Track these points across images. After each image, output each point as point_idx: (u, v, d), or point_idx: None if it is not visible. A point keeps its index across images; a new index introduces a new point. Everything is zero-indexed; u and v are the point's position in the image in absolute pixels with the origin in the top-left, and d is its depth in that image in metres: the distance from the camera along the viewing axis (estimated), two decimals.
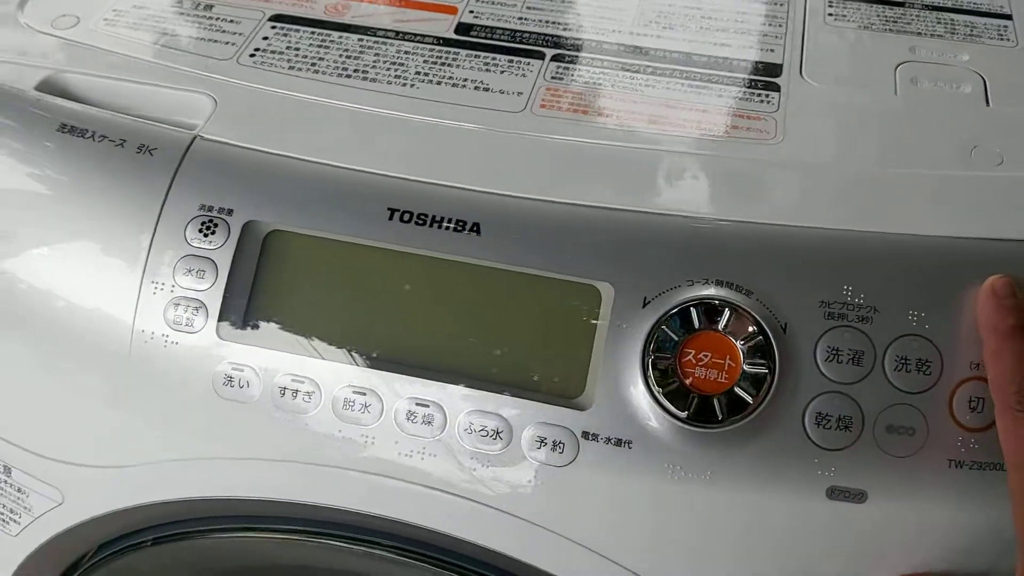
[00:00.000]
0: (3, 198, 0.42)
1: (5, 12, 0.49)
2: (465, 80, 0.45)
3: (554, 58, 0.47)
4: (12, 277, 0.42)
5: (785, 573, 0.38)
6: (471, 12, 0.49)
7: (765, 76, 0.45)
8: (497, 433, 0.38)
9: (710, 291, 0.37)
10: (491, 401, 0.38)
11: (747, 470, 0.37)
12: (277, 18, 0.49)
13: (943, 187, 0.40)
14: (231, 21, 0.48)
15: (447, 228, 0.39)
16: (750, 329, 0.36)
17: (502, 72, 0.46)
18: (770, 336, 0.36)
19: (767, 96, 0.44)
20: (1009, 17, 0.49)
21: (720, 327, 0.37)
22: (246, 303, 0.39)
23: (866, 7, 0.49)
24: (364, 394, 0.38)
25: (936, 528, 0.37)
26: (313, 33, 0.48)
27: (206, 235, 0.40)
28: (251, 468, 0.39)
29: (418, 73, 0.46)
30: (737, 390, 0.36)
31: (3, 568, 0.47)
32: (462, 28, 0.48)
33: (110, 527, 0.43)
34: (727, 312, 0.36)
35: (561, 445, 0.37)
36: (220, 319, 0.39)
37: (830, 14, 0.49)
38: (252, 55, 0.46)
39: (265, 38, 0.47)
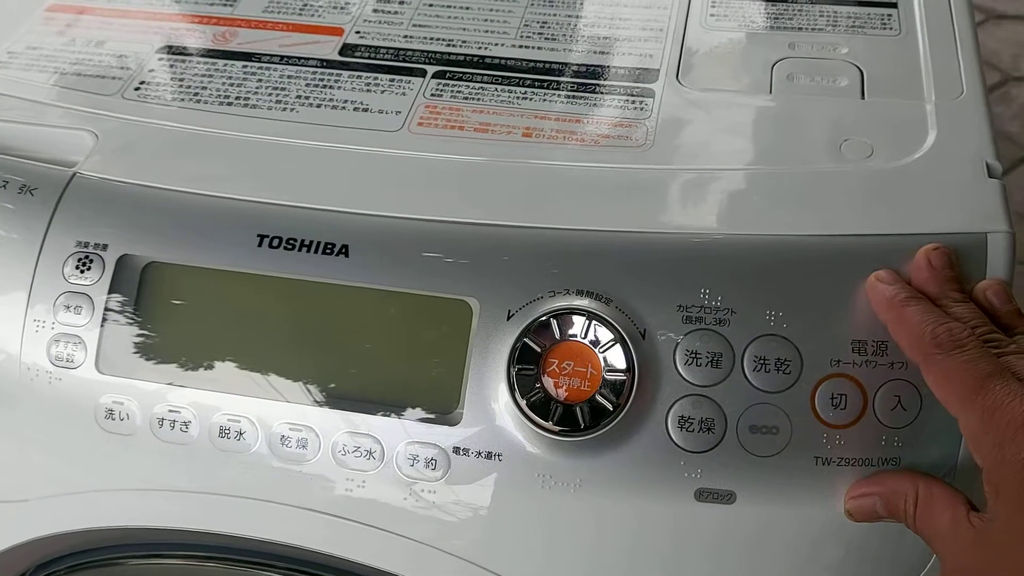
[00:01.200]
0: None
1: None
2: (345, 102, 0.46)
3: (435, 75, 0.47)
4: None
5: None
6: (356, 32, 0.50)
7: (640, 83, 0.46)
8: (370, 453, 0.38)
9: (572, 301, 0.37)
10: (364, 422, 0.38)
11: (615, 477, 0.37)
12: (165, 49, 0.50)
13: (808, 184, 0.40)
14: (120, 56, 0.49)
15: (316, 251, 0.39)
16: (609, 336, 0.37)
17: (382, 92, 0.46)
18: (628, 342, 0.37)
19: (641, 103, 0.44)
20: (894, 5, 0.49)
21: (580, 336, 0.37)
22: (124, 336, 0.40)
23: (749, 5, 0.50)
24: (239, 421, 0.39)
25: (806, 525, 0.37)
26: (199, 62, 0.48)
27: (82, 271, 0.40)
28: (137, 498, 0.40)
29: (299, 97, 0.46)
30: (599, 397, 0.37)
31: None
32: (346, 49, 0.49)
33: (27, 559, 0.44)
34: (586, 321, 0.37)
35: (433, 462, 0.38)
36: (99, 354, 0.40)
37: (712, 15, 0.49)
38: (137, 88, 0.47)
39: (151, 70, 0.48)
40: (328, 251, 0.39)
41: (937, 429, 0.36)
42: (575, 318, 0.37)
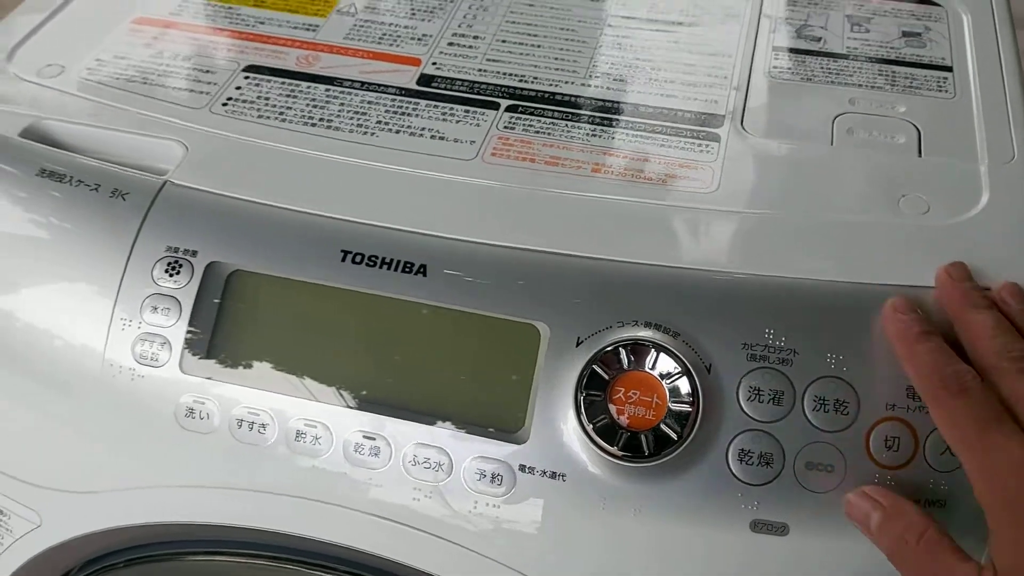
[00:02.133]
0: None
1: None
2: (423, 129, 0.48)
3: (508, 108, 0.49)
4: (1, 312, 0.45)
5: None
6: (433, 64, 0.52)
7: (706, 127, 0.48)
8: (439, 465, 0.40)
9: (640, 332, 0.39)
10: (434, 435, 0.40)
11: (674, 504, 0.39)
12: (251, 68, 0.52)
13: (868, 235, 0.42)
14: (207, 71, 0.51)
15: (396, 270, 0.41)
16: (676, 369, 0.38)
17: (457, 122, 0.48)
18: (694, 376, 0.38)
19: (707, 146, 0.47)
20: (949, 69, 0.52)
21: (648, 367, 0.39)
22: (208, 339, 0.42)
23: (810, 59, 0.52)
24: (315, 426, 0.41)
25: (854, 560, 0.39)
26: (283, 83, 0.51)
27: (172, 275, 0.42)
28: (210, 495, 0.42)
29: (379, 122, 0.48)
30: (663, 427, 0.38)
31: None
32: (424, 79, 0.51)
33: (86, 549, 0.46)
34: (654, 352, 0.39)
35: (499, 477, 0.39)
36: (183, 354, 0.42)
37: (774, 67, 0.52)
38: (224, 104, 0.49)
39: (238, 88, 0.50)
40: (407, 270, 0.41)
41: None
42: (643, 349, 0.39)
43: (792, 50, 0.53)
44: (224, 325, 0.42)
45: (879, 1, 0.56)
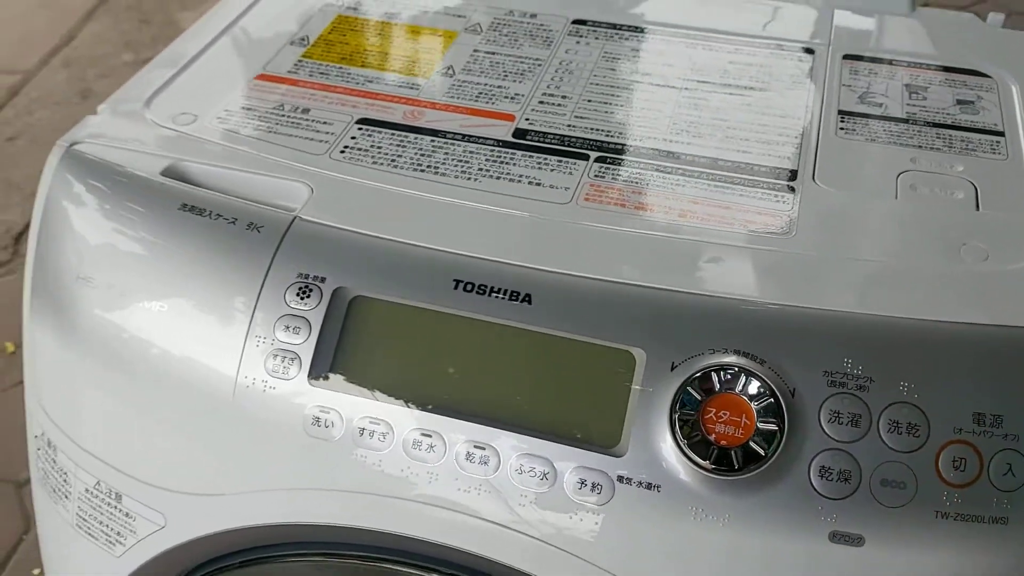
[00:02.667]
0: (131, 265, 0.51)
1: (133, 109, 0.58)
2: (520, 176, 0.53)
3: (597, 159, 0.55)
4: (136, 330, 0.50)
5: None
6: (526, 119, 0.58)
7: (781, 180, 0.53)
8: (544, 475, 0.44)
9: (729, 359, 0.44)
10: (539, 447, 0.44)
11: (760, 514, 0.43)
12: (363, 121, 0.58)
13: (933, 278, 0.47)
14: (324, 123, 0.57)
15: (503, 298, 0.46)
16: (763, 392, 0.43)
17: (552, 170, 0.54)
18: (780, 399, 0.43)
19: (783, 197, 0.52)
20: (1002, 134, 0.57)
21: (737, 390, 0.43)
22: (333, 355, 0.47)
23: (873, 123, 0.57)
24: (430, 436, 0.45)
25: (924, 570, 0.42)
26: (393, 134, 0.56)
27: (302, 298, 0.47)
28: (332, 498, 0.46)
29: (480, 169, 0.54)
30: (752, 444, 0.42)
31: None
32: (518, 133, 0.57)
33: (204, 550, 0.50)
34: (743, 377, 0.43)
35: (599, 487, 0.44)
36: (311, 369, 0.46)
37: (841, 128, 0.57)
38: (342, 151, 0.55)
39: (353, 137, 0.56)
40: (514, 298, 0.46)
41: None
42: (733, 374, 0.43)
43: (856, 114, 0.58)
44: (347, 343, 0.47)
45: (934, 72, 0.61)
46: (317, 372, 0.47)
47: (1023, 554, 0.42)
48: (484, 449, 0.45)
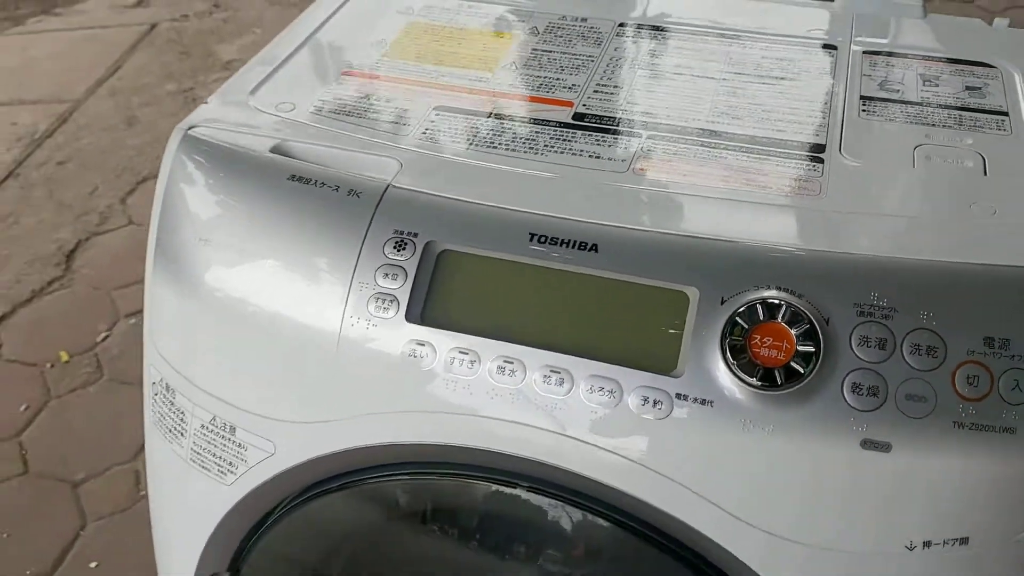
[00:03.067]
0: (246, 226, 0.59)
1: (239, 99, 0.67)
2: (581, 151, 0.61)
3: (648, 137, 0.63)
4: (251, 282, 0.58)
5: (829, 507, 0.50)
6: (584, 105, 0.66)
7: (812, 152, 0.61)
8: (611, 393, 0.51)
9: (771, 293, 0.51)
10: (607, 370, 0.52)
11: (800, 424, 0.50)
12: (440, 108, 0.66)
13: (948, 227, 0.54)
14: (406, 110, 0.66)
15: (573, 247, 0.54)
16: (801, 320, 0.50)
17: (609, 146, 0.62)
18: (816, 326, 0.50)
19: (814, 166, 0.59)
20: (1006, 114, 0.64)
21: (779, 319, 0.50)
22: (425, 298, 0.55)
23: (892, 105, 0.65)
24: (512, 363, 0.53)
25: (943, 473, 0.49)
26: (466, 118, 0.65)
27: (398, 250, 0.55)
28: (425, 419, 0.53)
29: (546, 146, 0.62)
30: (792, 364, 0.50)
31: (213, 515, 0.61)
32: (578, 116, 0.65)
33: (308, 474, 0.57)
34: (784, 308, 0.50)
35: (660, 403, 0.51)
36: (407, 309, 0.54)
37: (863, 110, 0.65)
38: (423, 133, 0.63)
39: (432, 121, 0.64)
40: (582, 248, 0.54)
41: None
42: (775, 305, 0.50)
43: (876, 99, 0.66)
44: (438, 288, 0.55)
45: (945, 64, 0.69)
46: (412, 312, 0.54)
47: None
48: (559, 373, 0.52)
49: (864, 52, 0.71)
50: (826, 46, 0.72)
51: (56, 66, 2.42)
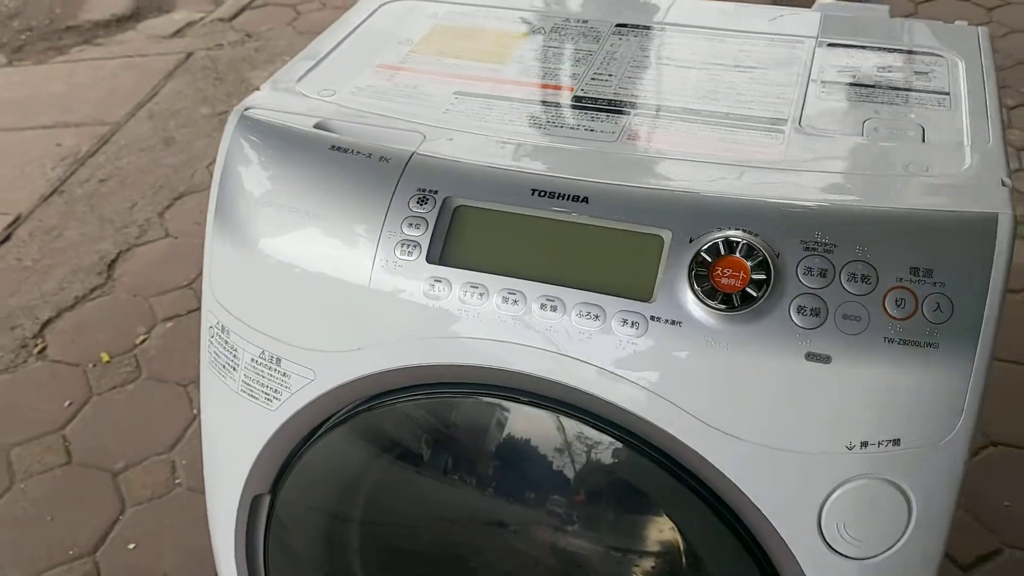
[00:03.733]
0: (294, 189, 0.71)
1: (287, 86, 0.79)
2: (579, 125, 0.73)
3: (636, 114, 0.74)
4: (299, 235, 0.70)
5: (780, 412, 0.61)
6: (582, 90, 0.78)
7: (775, 125, 0.72)
8: (597, 317, 0.63)
9: (731, 232, 0.62)
10: (595, 299, 0.63)
11: (753, 341, 0.61)
12: (457, 92, 0.78)
13: (884, 181, 0.65)
14: (429, 94, 0.78)
15: (568, 200, 0.66)
16: (756, 254, 0.61)
17: (602, 121, 0.74)
18: (768, 259, 0.61)
19: (775, 136, 0.71)
20: (947, 93, 0.76)
21: (736, 253, 0.62)
22: (443, 243, 0.66)
23: (848, 88, 0.77)
24: (515, 294, 0.64)
25: (877, 382, 0.60)
26: (482, 101, 0.77)
27: (421, 205, 0.67)
28: (443, 343, 0.65)
29: (548, 122, 0.74)
30: (747, 290, 0.61)
31: (260, 438, 0.72)
32: (576, 99, 0.77)
33: (344, 397, 0.69)
34: (741, 244, 0.62)
35: (637, 324, 0.62)
36: (427, 252, 0.66)
37: (822, 92, 0.76)
38: (444, 112, 0.76)
39: (451, 103, 0.77)
40: (575, 200, 0.66)
41: (963, 327, 0.59)
42: (734, 242, 0.62)
43: (835, 82, 0.77)
44: (453, 235, 0.67)
45: (899, 54, 0.81)
46: (432, 254, 0.66)
47: (949, 370, 0.59)
48: (553, 302, 0.64)
49: (829, 45, 0.82)
50: (797, 41, 0.83)
51: (98, 92, 2.60)
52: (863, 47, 0.82)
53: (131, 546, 1.47)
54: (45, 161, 2.32)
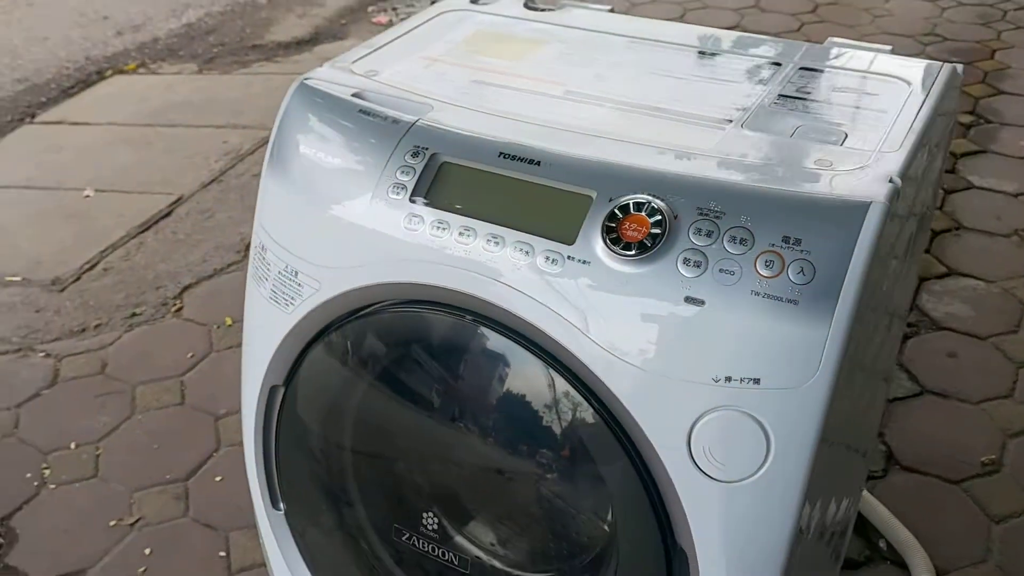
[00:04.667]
0: (328, 141, 0.91)
1: (343, 67, 1.01)
2: (561, 112, 0.90)
3: (610, 107, 0.91)
4: (326, 175, 0.90)
5: (661, 343, 0.75)
6: (575, 86, 0.95)
7: (720, 124, 0.86)
8: (527, 253, 0.79)
9: (641, 196, 0.77)
10: (528, 239, 0.80)
11: (645, 282, 0.75)
12: (475, 81, 0.97)
13: (786, 170, 0.78)
14: (451, 80, 0.97)
15: (524, 161, 0.82)
16: (657, 213, 0.76)
17: (580, 110, 0.90)
18: (666, 218, 0.76)
19: (715, 132, 0.85)
20: (885, 111, 0.88)
21: (642, 212, 0.76)
22: (427, 188, 0.84)
23: (800, 102, 0.90)
24: (470, 230, 0.82)
25: (743, 327, 0.73)
26: (492, 88, 0.95)
27: (413, 157, 0.86)
28: (416, 265, 0.83)
29: (535, 107, 0.91)
30: (645, 241, 0.76)
31: (279, 335, 0.92)
32: (566, 92, 0.94)
33: (344, 305, 0.88)
34: (647, 205, 0.76)
35: (557, 260, 0.78)
36: (411, 193, 0.85)
37: (775, 103, 0.90)
38: (458, 93, 0.94)
39: (468, 88, 0.96)
40: (530, 163, 0.82)
41: (822, 291, 0.71)
42: (641, 203, 0.77)
43: (791, 96, 0.91)
44: (436, 183, 0.85)
45: (858, 77, 0.93)
46: (414, 196, 0.85)
47: (807, 325, 0.72)
48: (497, 238, 0.80)
49: (801, 68, 0.96)
50: (774, 63, 0.97)
51: (267, 101, 2.96)
52: (832, 70, 0.95)
53: (218, 479, 1.71)
54: (211, 154, 2.68)
